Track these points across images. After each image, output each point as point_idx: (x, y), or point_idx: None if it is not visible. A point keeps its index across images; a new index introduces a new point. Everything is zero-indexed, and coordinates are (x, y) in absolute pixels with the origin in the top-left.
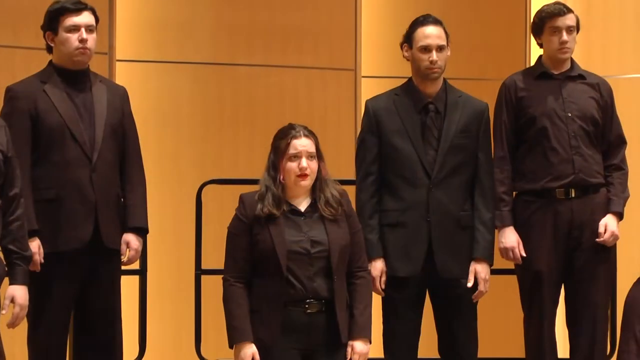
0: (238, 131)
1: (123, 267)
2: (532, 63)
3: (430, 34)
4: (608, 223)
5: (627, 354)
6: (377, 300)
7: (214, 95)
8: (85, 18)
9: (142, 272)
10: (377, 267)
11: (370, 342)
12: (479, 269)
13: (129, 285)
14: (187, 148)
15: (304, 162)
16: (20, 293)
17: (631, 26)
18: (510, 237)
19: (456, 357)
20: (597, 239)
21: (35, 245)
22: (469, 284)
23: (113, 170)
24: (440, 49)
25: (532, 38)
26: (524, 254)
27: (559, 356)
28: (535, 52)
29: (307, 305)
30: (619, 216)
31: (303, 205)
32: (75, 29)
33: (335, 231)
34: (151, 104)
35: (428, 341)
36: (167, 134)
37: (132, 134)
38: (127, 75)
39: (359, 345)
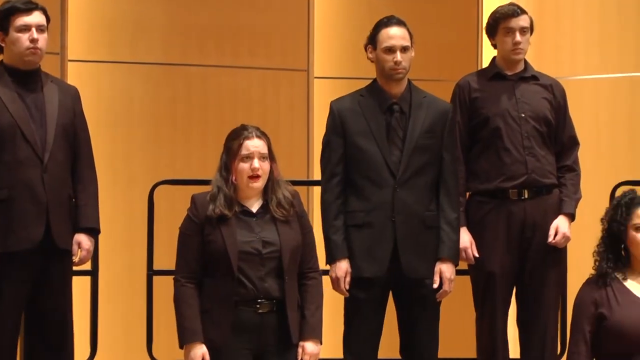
0: (190, 132)
1: (74, 268)
2: (484, 64)
3: (394, 34)
4: (559, 225)
5: (577, 355)
6: (333, 302)
7: (166, 95)
8: (36, 18)
9: (93, 273)
10: (342, 267)
11: (321, 343)
12: (444, 269)
13: (80, 286)
14: (139, 148)
15: (256, 162)
16: None
17: (582, 28)
18: (463, 238)
19: (418, 357)
20: (548, 241)
21: None
22: (435, 285)
23: (64, 170)
24: (404, 49)
25: (485, 39)
26: (477, 255)
27: (510, 356)
28: (488, 53)
29: (258, 305)
30: (571, 217)
31: (255, 206)
32: (26, 28)
33: (287, 232)
34: (103, 104)
35: (388, 341)
36: (119, 135)
37: (83, 134)
38: (79, 75)
39: (309, 346)
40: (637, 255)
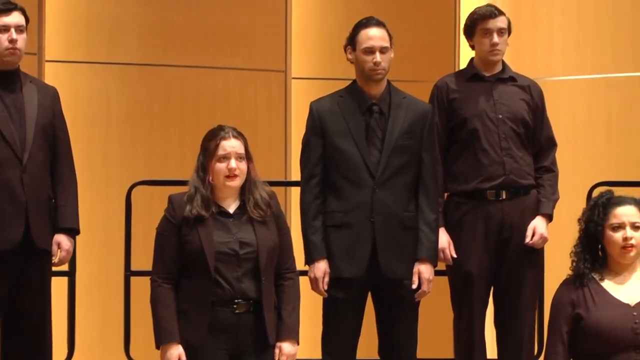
0: (168, 132)
1: (53, 268)
2: (462, 66)
3: (374, 35)
4: (537, 225)
5: (555, 356)
6: (311, 302)
7: (144, 96)
8: (15, 18)
9: (70, 274)
10: (320, 268)
11: (298, 344)
12: (422, 270)
13: (57, 287)
14: (117, 149)
15: (233, 163)
16: None
17: (558, 29)
18: (441, 238)
19: (396, 357)
20: (525, 242)
21: None
22: (414, 286)
23: (44, 171)
24: (383, 50)
25: (462, 41)
26: (455, 255)
27: (488, 356)
28: (465, 54)
29: (235, 306)
30: (549, 218)
31: (232, 207)
32: (5, 29)
33: (264, 233)
34: (80, 105)
35: (367, 342)
36: (97, 135)
37: (62, 134)
38: (56, 76)
39: (286, 347)
40: (614, 255)
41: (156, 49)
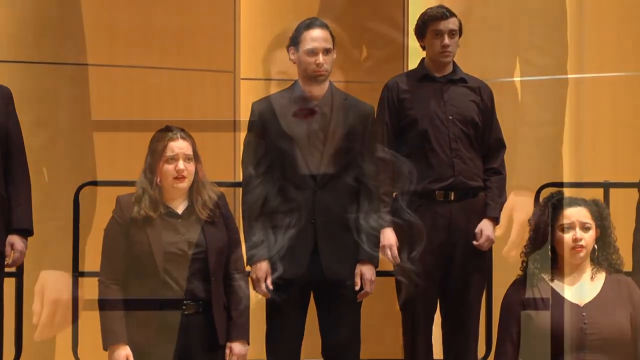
0: (116, 133)
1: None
2: (410, 67)
3: (317, 37)
4: (484, 228)
5: (504, 356)
6: (260, 303)
7: (92, 96)
8: None
9: (18, 275)
10: (262, 268)
11: (249, 344)
12: (364, 270)
13: (4, 287)
14: (65, 149)
15: (181, 164)
16: None
17: (506, 31)
18: (388, 237)
19: (339, 358)
20: (473, 242)
21: None
22: (356, 287)
23: None
24: (326, 52)
25: (410, 42)
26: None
27: (435, 357)
28: (414, 56)
29: (184, 307)
30: (495, 221)
31: (180, 207)
32: None
33: (213, 233)
34: (28, 105)
35: (313, 343)
36: (44, 136)
37: (16, 134)
38: (3, 76)
39: (237, 347)
40: (564, 256)
41: (104, 49)
